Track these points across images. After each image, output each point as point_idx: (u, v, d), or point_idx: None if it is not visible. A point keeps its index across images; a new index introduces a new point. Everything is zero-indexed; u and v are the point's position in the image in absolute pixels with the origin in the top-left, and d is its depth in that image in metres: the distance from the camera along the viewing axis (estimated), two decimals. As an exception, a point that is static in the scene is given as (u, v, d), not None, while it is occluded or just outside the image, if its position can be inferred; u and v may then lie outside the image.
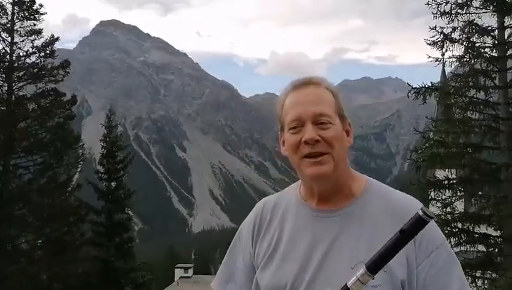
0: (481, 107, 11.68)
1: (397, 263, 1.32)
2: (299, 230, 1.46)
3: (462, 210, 11.97)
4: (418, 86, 11.63)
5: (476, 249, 11.46)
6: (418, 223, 1.20)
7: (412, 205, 1.40)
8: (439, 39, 11.68)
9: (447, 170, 11.76)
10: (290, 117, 1.43)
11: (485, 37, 11.54)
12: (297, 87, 1.47)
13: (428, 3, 11.69)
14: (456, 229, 11.33)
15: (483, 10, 11.61)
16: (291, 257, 1.43)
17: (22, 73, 17.02)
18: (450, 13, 11.66)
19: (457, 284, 1.37)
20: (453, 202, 11.62)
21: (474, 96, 11.65)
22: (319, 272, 1.38)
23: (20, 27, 17.01)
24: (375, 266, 1.22)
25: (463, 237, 11.30)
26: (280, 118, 1.49)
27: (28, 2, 16.98)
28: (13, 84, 16.86)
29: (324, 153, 1.38)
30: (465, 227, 11.30)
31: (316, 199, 1.46)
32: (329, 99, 1.44)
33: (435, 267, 1.36)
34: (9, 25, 16.86)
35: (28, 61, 17.22)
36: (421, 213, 1.19)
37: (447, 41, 11.63)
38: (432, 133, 12.12)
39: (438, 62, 11.95)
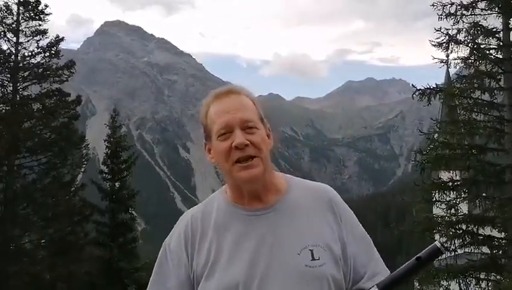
0: (486, 108, 11.68)
1: (334, 241, 1.51)
2: (239, 233, 1.50)
3: (467, 212, 11.97)
4: (422, 88, 11.63)
5: (480, 251, 11.45)
6: (434, 254, 1.35)
7: (327, 191, 1.61)
8: (444, 41, 11.68)
9: (451, 171, 11.75)
10: (219, 125, 1.50)
11: (490, 38, 11.55)
12: (219, 97, 1.55)
13: (433, 5, 11.69)
14: (460, 231, 11.32)
15: (488, 12, 11.62)
16: (238, 259, 1.47)
17: (27, 73, 17.06)
18: (455, 15, 11.66)
19: (375, 253, 1.60)
20: (458, 204, 11.61)
21: (479, 97, 11.65)
22: (269, 266, 1.45)
23: (25, 27, 17.06)
24: (387, 287, 1.38)
25: (467, 238, 11.29)
26: (205, 127, 1.56)
27: (33, 2, 17.02)
28: (18, 84, 16.90)
29: (254, 157, 1.47)
30: (469, 229, 11.28)
31: (246, 200, 1.53)
32: (251, 106, 1.54)
33: (357, 241, 1.56)
34: (14, 25, 16.91)
35: (33, 62, 17.27)
36: (438, 245, 1.34)
37: (452, 43, 11.63)
38: (436, 135, 12.11)
39: (442, 64, 11.95)
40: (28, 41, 17.09)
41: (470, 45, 11.56)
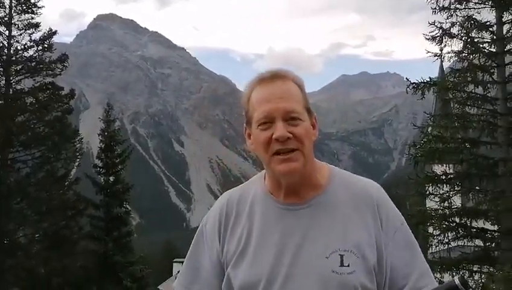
0: (479, 102, 11.72)
1: (369, 248, 1.39)
2: (269, 225, 1.45)
3: (460, 205, 12.02)
4: (416, 81, 11.66)
5: (473, 244, 11.52)
6: None
7: (374, 190, 1.49)
8: (438, 34, 11.71)
9: (445, 164, 11.80)
10: (260, 113, 1.41)
11: (484, 32, 11.57)
12: (264, 82, 1.45)
13: (427, -2, 11.70)
14: (454, 224, 11.39)
15: (482, 5, 11.64)
16: (264, 253, 1.42)
17: (20, 67, 16.95)
18: (449, 8, 11.68)
19: (420, 264, 1.44)
20: (451, 197, 11.67)
21: (473, 91, 11.69)
22: (294, 265, 1.39)
23: (18, 20, 16.94)
24: None
25: (460, 231, 11.36)
26: (246, 112, 1.48)
27: (25, -5, 16.89)
28: (11, 77, 16.79)
29: (295, 149, 1.39)
30: (462, 222, 11.35)
31: (283, 192, 1.46)
32: (297, 94, 1.44)
33: (397, 247, 1.42)
34: (7, 19, 16.78)
35: (25, 55, 17.17)
36: (457, 283, 1.22)
37: (446, 37, 11.66)
38: (430, 128, 12.15)
39: (436, 57, 11.98)
40: (21, 34, 16.98)
41: (463, 38, 11.59)
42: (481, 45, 11.58)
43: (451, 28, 11.68)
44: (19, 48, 16.97)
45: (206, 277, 1.51)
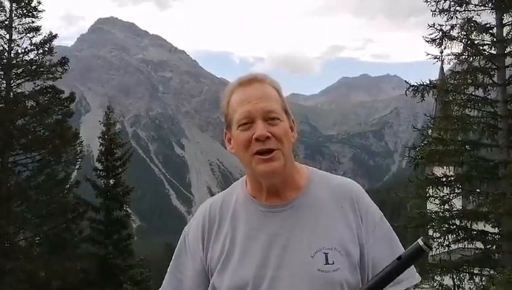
0: (479, 104, 11.73)
1: (352, 244, 1.42)
2: (253, 228, 1.46)
3: (460, 207, 12.02)
4: (416, 84, 11.67)
5: (473, 246, 11.51)
6: (416, 253, 1.24)
7: (352, 187, 1.52)
8: (438, 36, 11.72)
9: (445, 167, 11.80)
10: (240, 114, 1.43)
11: (484, 34, 11.58)
12: (242, 85, 1.47)
13: (427, 1, 11.73)
14: (454, 226, 11.38)
15: (482, 7, 11.65)
16: (249, 256, 1.43)
17: (20, 70, 16.96)
18: (448, 10, 11.70)
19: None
20: (451, 199, 11.67)
21: (473, 93, 11.70)
22: (280, 266, 1.40)
23: (18, 24, 16.96)
24: None
25: (461, 234, 11.35)
26: (226, 116, 1.49)
27: (26, -2, 16.92)
28: (11, 81, 16.81)
29: (274, 149, 1.40)
30: (463, 224, 11.34)
31: (264, 195, 1.47)
32: (275, 96, 1.46)
33: (378, 242, 1.45)
34: (7, 22, 16.81)
35: (26, 58, 17.16)
36: (420, 243, 1.23)
37: (446, 39, 11.67)
38: (430, 131, 12.16)
39: (436, 59, 11.99)
40: (21, 38, 17.00)
41: (463, 40, 11.60)
42: (481, 47, 11.59)
43: (451, 30, 11.70)
44: (19, 51, 17.01)
45: (190, 287, 1.51)
